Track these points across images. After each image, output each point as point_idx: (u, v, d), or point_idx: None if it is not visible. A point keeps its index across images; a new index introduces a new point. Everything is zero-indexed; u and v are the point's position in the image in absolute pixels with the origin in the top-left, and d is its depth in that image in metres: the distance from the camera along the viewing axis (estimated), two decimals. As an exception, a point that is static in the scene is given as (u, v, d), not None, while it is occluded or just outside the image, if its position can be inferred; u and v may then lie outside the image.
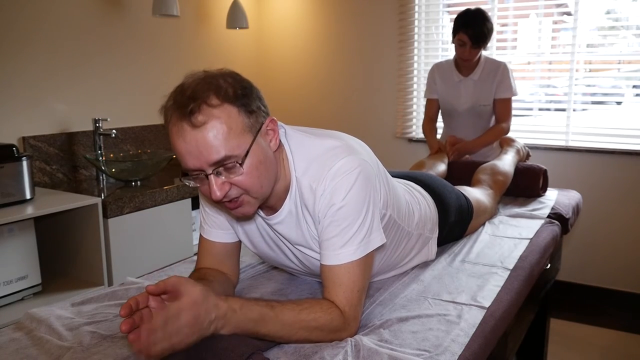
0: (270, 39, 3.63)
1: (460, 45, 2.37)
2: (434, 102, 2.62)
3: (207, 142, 0.91)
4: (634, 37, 2.82)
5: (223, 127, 0.92)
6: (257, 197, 1.01)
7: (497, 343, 1.19)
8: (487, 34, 2.33)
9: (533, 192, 2.13)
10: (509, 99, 2.48)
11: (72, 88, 2.45)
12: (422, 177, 1.61)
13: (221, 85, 0.94)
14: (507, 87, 2.46)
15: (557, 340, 2.56)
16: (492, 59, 2.50)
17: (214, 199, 0.96)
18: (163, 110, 0.97)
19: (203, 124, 0.91)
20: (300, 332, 0.96)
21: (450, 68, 2.54)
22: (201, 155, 0.92)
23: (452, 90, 2.54)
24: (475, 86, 2.48)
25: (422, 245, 1.43)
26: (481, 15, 2.33)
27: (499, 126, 2.49)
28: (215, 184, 0.95)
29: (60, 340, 1.04)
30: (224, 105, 0.93)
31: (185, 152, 0.94)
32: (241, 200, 1.00)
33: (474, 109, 2.51)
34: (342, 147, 1.07)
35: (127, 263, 2.09)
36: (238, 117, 0.94)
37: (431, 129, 2.62)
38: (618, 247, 2.84)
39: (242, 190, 0.98)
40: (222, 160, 0.93)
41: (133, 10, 2.71)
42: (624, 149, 2.74)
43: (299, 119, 3.49)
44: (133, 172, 2.32)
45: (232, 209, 1.01)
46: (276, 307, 0.95)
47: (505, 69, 2.45)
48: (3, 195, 1.81)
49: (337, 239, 1.03)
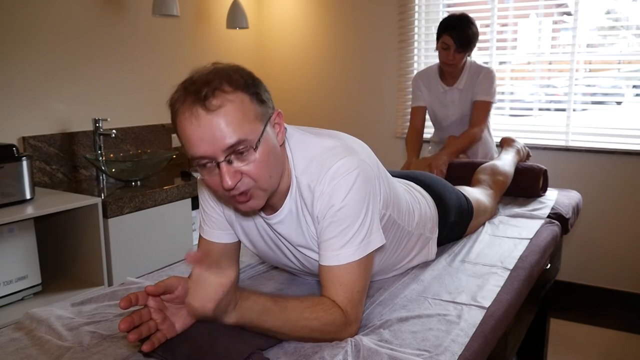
0: (270, 39, 3.63)
1: (444, 49, 2.30)
2: (420, 110, 2.52)
3: (221, 126, 0.91)
4: (634, 37, 2.82)
5: (237, 112, 0.92)
6: (266, 188, 1.00)
7: (497, 343, 1.19)
8: (471, 37, 2.27)
9: (533, 192, 2.13)
10: (487, 102, 2.39)
11: (72, 88, 2.45)
12: (422, 177, 1.61)
13: (232, 75, 0.95)
14: (486, 90, 2.37)
15: (557, 340, 2.56)
16: (478, 64, 2.43)
17: (226, 187, 0.94)
18: (170, 102, 0.96)
19: (218, 107, 0.91)
20: (302, 330, 0.96)
21: (435, 78, 2.46)
22: (215, 140, 0.91)
23: (439, 102, 2.48)
24: (462, 95, 2.42)
25: (422, 245, 1.43)
26: (466, 18, 2.29)
27: (470, 131, 2.37)
28: (228, 173, 0.94)
29: (60, 340, 1.04)
30: (236, 92, 0.93)
31: (198, 138, 0.92)
32: (250, 194, 0.98)
33: (462, 118, 2.46)
34: (341, 147, 1.07)
35: (127, 263, 2.09)
36: (250, 104, 0.95)
37: (414, 141, 2.50)
38: (618, 247, 2.84)
39: (252, 180, 0.97)
40: (235, 145, 0.92)
41: (133, 10, 2.71)
42: (624, 149, 2.74)
43: (299, 119, 3.49)
44: (133, 172, 2.32)
45: (241, 202, 1.00)
46: (280, 302, 0.95)
47: (489, 73, 2.38)
48: (3, 195, 1.81)
49: (336, 239, 1.03)
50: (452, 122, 2.49)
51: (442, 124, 2.54)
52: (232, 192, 0.97)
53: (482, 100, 2.39)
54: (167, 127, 2.91)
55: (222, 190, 0.97)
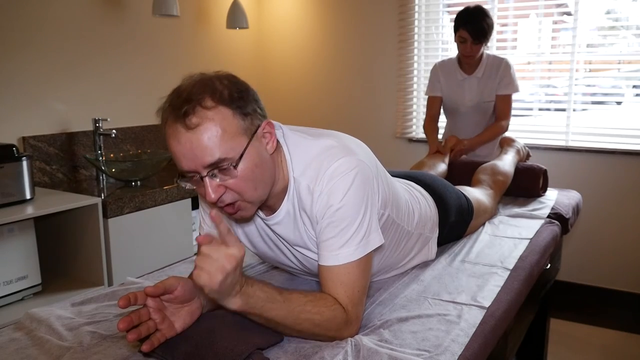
0: (270, 39, 3.62)
1: (461, 42, 2.39)
2: (436, 100, 2.62)
3: (200, 144, 0.92)
4: (634, 37, 2.82)
5: (217, 130, 0.92)
6: (252, 200, 1.01)
7: (497, 343, 1.19)
8: (487, 30, 2.35)
9: (533, 192, 2.13)
10: (510, 95, 2.50)
11: (72, 88, 2.45)
12: (422, 176, 1.61)
13: (217, 87, 0.94)
14: (509, 83, 2.48)
15: (557, 340, 2.56)
16: (495, 56, 2.53)
17: (209, 200, 0.96)
18: (160, 112, 0.97)
19: (197, 126, 0.91)
20: (304, 323, 0.96)
21: (454, 67, 2.55)
22: (195, 157, 0.92)
23: (456, 89, 2.55)
24: (480, 84, 2.50)
25: (422, 245, 1.43)
26: (481, 11, 2.35)
27: (498, 124, 2.50)
28: (210, 187, 0.95)
29: (60, 340, 1.04)
30: (218, 108, 0.93)
31: (180, 154, 0.94)
32: (237, 206, 1.00)
33: (479, 106, 2.53)
34: (339, 147, 1.07)
35: (127, 263, 2.08)
36: (232, 120, 0.94)
37: (432, 128, 2.61)
38: (618, 247, 2.84)
39: (237, 193, 0.98)
40: (216, 163, 0.93)
41: (133, 10, 2.71)
42: (624, 149, 2.74)
43: (298, 119, 3.50)
44: (133, 172, 2.32)
45: (231, 214, 1.02)
46: (284, 292, 0.96)
47: (507, 65, 2.47)
48: (3, 195, 1.81)
49: (335, 239, 1.03)
50: (467, 109, 2.55)
51: (456, 112, 2.60)
52: (218, 204, 0.99)
53: (505, 94, 2.49)
54: (167, 127, 2.91)
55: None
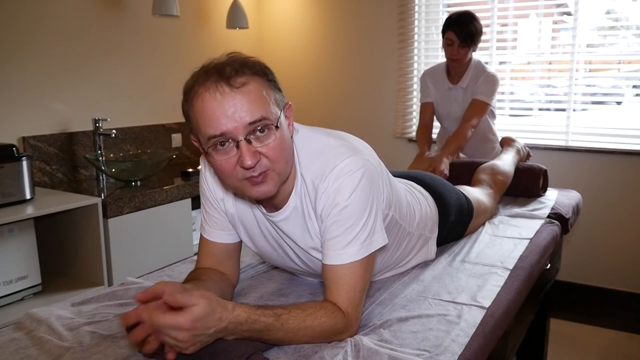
0: (270, 39, 3.63)
1: (448, 45, 2.37)
2: (428, 106, 2.57)
3: (245, 102, 0.93)
4: (634, 37, 2.82)
5: (260, 91, 0.95)
6: (281, 173, 1.00)
7: (497, 343, 1.19)
8: (474, 33, 2.32)
9: (533, 192, 2.13)
10: (484, 103, 2.38)
11: (72, 88, 2.45)
12: (423, 177, 1.61)
13: (249, 62, 0.97)
14: (485, 91, 2.38)
15: (557, 340, 2.56)
16: (483, 67, 2.45)
17: (245, 166, 0.94)
18: (186, 86, 0.97)
19: (243, 84, 0.93)
20: (304, 337, 0.97)
21: (442, 75, 2.51)
22: (238, 116, 0.93)
23: (444, 98, 2.53)
24: (465, 94, 2.46)
25: (421, 244, 1.43)
26: (469, 15, 2.35)
27: (459, 130, 2.36)
28: (248, 152, 0.94)
29: (60, 340, 1.04)
30: (257, 76, 0.96)
31: (220, 115, 0.93)
32: (265, 175, 0.98)
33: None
34: (346, 146, 1.07)
35: (127, 263, 2.09)
36: (269, 89, 0.98)
37: (423, 137, 2.54)
38: (618, 247, 2.84)
39: (270, 162, 0.97)
40: (257, 122, 0.94)
41: (133, 11, 2.71)
42: (624, 149, 2.74)
43: (298, 119, 3.45)
44: (133, 172, 2.32)
45: (256, 183, 0.98)
46: (282, 316, 0.94)
47: (491, 77, 2.39)
48: (3, 195, 1.81)
49: (340, 238, 1.03)
50: (455, 120, 2.51)
51: (446, 120, 2.57)
52: (250, 173, 0.96)
53: (479, 100, 2.40)
54: (167, 127, 2.91)
55: (236, 172, 0.97)
